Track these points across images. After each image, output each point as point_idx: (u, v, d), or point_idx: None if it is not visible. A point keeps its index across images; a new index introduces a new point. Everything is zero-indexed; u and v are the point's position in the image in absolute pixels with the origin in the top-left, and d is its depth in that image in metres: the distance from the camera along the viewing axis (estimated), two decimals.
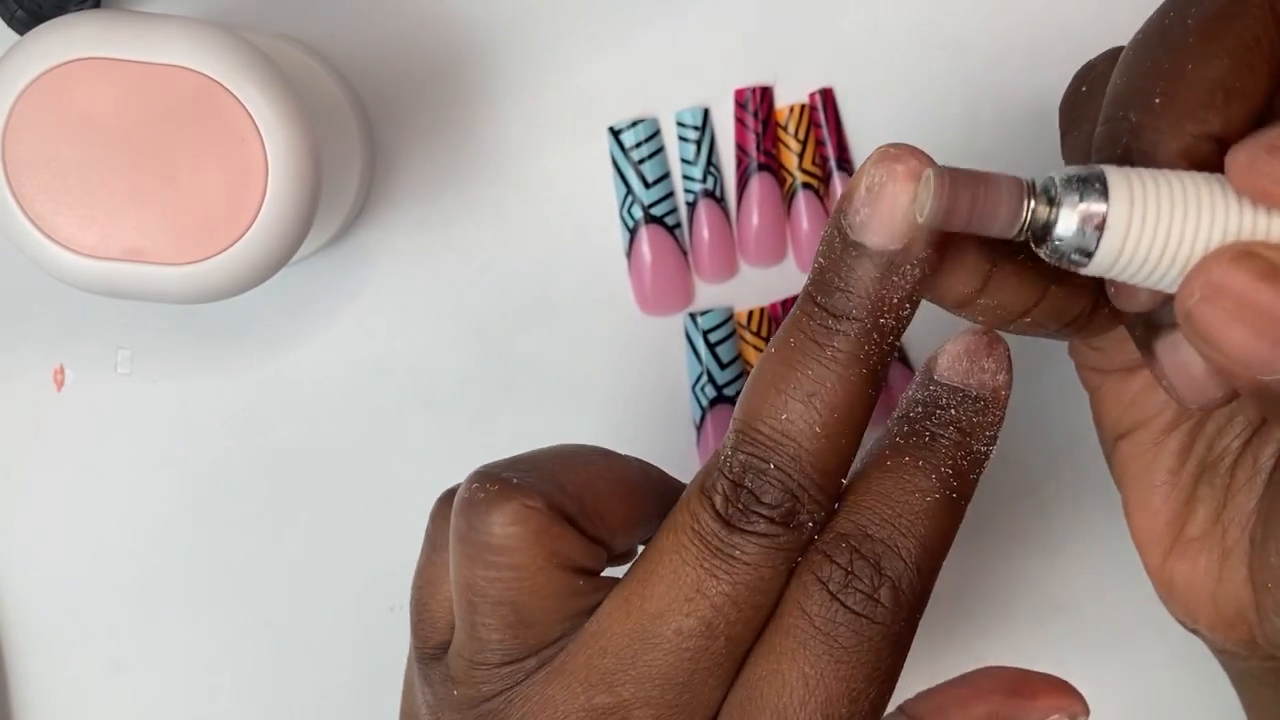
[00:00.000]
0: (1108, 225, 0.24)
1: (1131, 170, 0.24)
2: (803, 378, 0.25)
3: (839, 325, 0.25)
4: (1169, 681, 0.44)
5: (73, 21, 0.33)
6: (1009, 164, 0.42)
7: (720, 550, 0.25)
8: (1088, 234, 0.24)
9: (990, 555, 0.44)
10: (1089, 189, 0.24)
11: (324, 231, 0.40)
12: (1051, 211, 0.24)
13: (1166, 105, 0.25)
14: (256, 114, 0.33)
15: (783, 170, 0.42)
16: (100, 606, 0.43)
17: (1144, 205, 0.24)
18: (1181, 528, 0.31)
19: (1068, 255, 0.24)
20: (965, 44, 0.42)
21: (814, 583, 0.25)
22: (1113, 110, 0.26)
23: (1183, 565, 0.31)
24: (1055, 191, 0.24)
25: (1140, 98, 0.25)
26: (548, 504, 0.26)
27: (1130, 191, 0.24)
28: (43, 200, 0.33)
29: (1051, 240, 0.24)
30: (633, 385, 0.42)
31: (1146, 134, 0.25)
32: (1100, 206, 0.24)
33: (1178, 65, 0.25)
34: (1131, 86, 0.26)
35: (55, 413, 0.42)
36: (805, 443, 0.25)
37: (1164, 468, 0.32)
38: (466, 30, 0.41)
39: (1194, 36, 0.25)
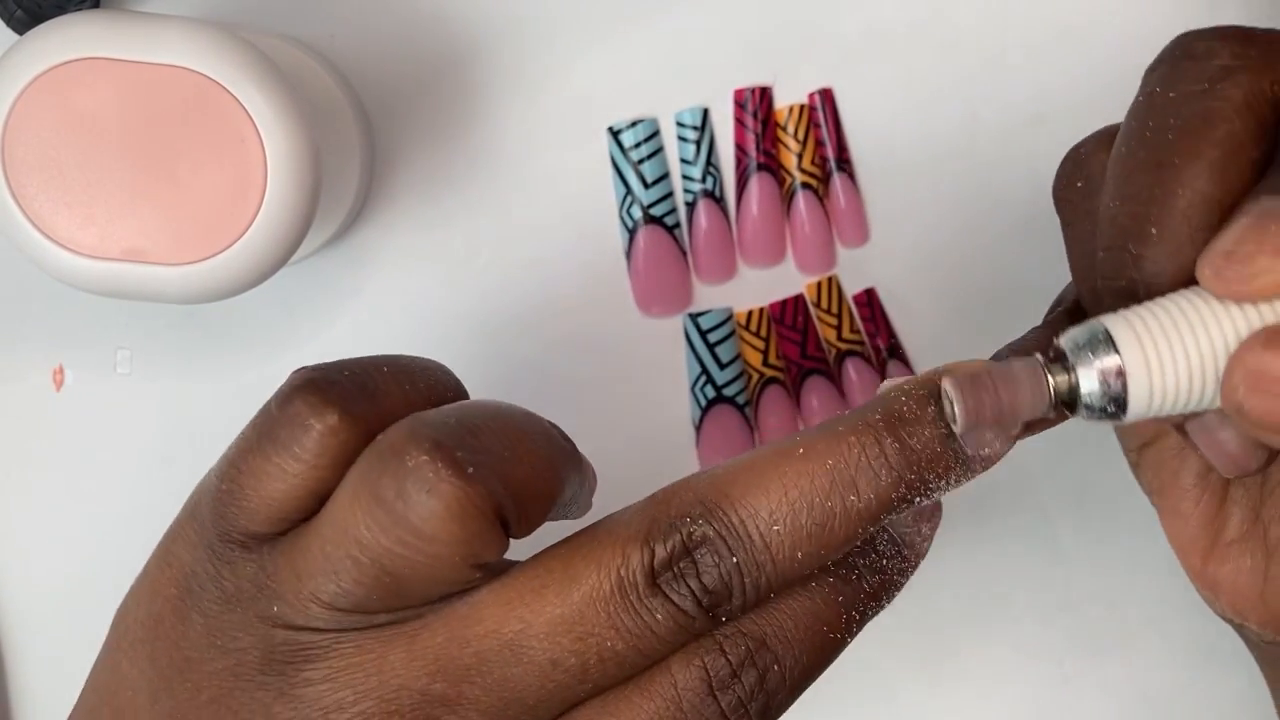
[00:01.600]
0: (1128, 372, 0.24)
1: (1128, 311, 0.25)
2: (820, 503, 0.24)
3: (887, 475, 0.25)
4: (1169, 681, 0.44)
5: (72, 21, 0.33)
6: (1009, 164, 0.42)
7: (633, 605, 0.24)
8: (1112, 387, 0.24)
9: (990, 555, 0.44)
10: (1097, 345, 0.24)
11: (323, 231, 0.40)
12: (1071, 377, 0.24)
13: (1163, 236, 0.26)
14: (256, 114, 0.33)
15: (782, 170, 0.42)
16: (100, 606, 0.43)
17: (1154, 343, 0.24)
18: (1219, 530, 0.31)
19: (1102, 411, 0.25)
20: (965, 44, 0.42)
21: (699, 667, 0.25)
22: (1112, 239, 0.26)
23: (1226, 568, 0.31)
24: (1068, 360, 0.25)
25: (1136, 228, 0.26)
26: (493, 508, 0.24)
27: (1136, 334, 0.24)
28: (42, 200, 0.33)
29: (1081, 404, 0.25)
30: (632, 385, 0.42)
31: (1149, 265, 0.26)
32: (1113, 358, 0.24)
33: (1167, 191, 0.26)
34: (1127, 214, 0.26)
35: (55, 413, 0.42)
36: (779, 561, 0.24)
37: (1192, 472, 0.31)
38: (466, 30, 0.41)
39: (1178, 155, 0.26)
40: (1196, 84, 0.26)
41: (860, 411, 0.25)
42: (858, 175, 0.42)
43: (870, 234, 0.42)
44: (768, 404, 0.42)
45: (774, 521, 0.24)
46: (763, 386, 0.42)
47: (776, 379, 0.42)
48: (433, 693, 0.24)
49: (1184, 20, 0.42)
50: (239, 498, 0.26)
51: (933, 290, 0.42)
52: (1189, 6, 0.42)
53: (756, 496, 0.24)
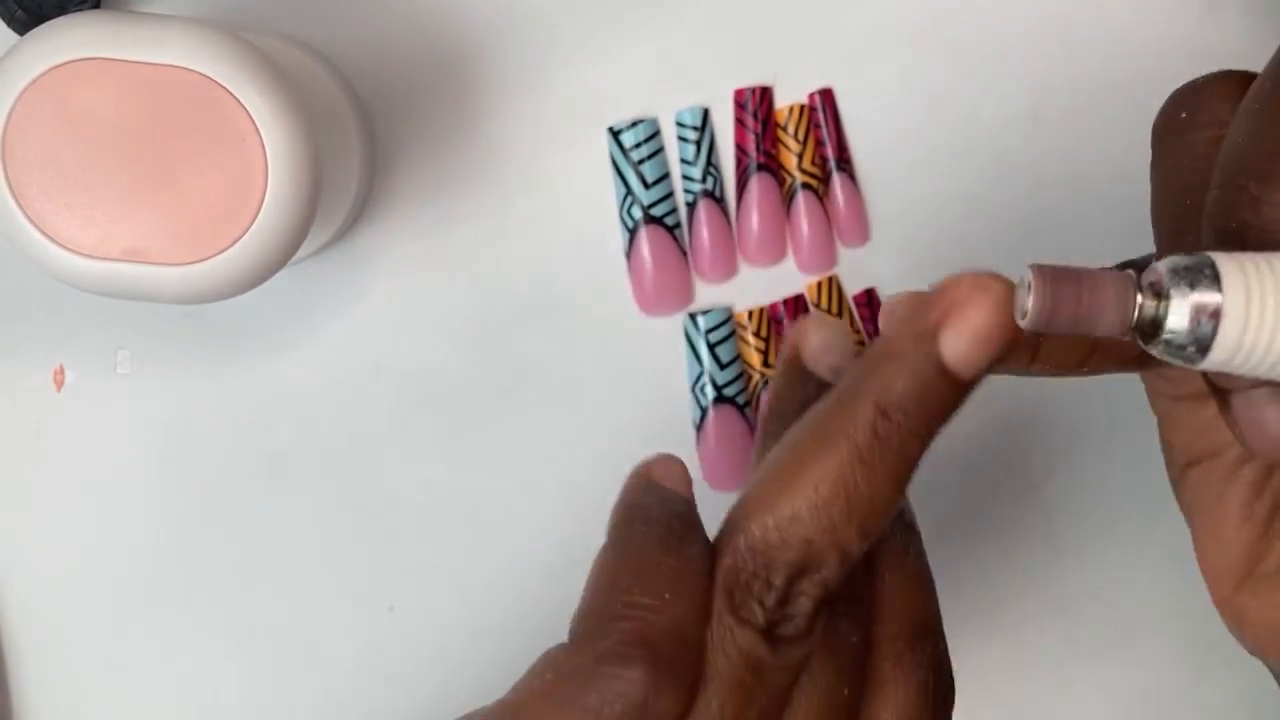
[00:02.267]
0: (1224, 315, 0.22)
1: (1243, 255, 0.23)
2: (854, 491, 0.24)
3: (907, 446, 0.25)
4: (1169, 681, 0.44)
5: (73, 22, 0.33)
6: (1008, 164, 0.42)
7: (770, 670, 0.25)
8: (1202, 326, 0.22)
9: (990, 555, 0.44)
10: (1199, 278, 0.22)
11: (324, 232, 0.40)
12: (1160, 305, 0.22)
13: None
14: (256, 114, 0.33)
15: (782, 170, 0.42)
16: (100, 606, 0.43)
17: (1261, 293, 0.22)
18: (1256, 562, 0.30)
19: (1181, 351, 0.23)
20: (966, 44, 0.42)
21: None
22: (1231, 175, 0.24)
23: (1256, 601, 0.30)
24: (1164, 285, 0.22)
25: (1263, 167, 0.24)
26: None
27: (1245, 278, 0.22)
28: (43, 201, 0.33)
29: (1162, 336, 0.23)
30: (632, 385, 0.42)
31: (1267, 210, 0.24)
32: (1214, 296, 0.22)
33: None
34: (1254, 151, 0.24)
35: (55, 413, 0.42)
36: (853, 546, 0.25)
37: (1238, 498, 0.30)
38: (467, 30, 0.41)
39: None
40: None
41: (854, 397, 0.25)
42: (858, 175, 0.42)
43: (871, 234, 0.42)
44: None
45: (827, 525, 0.24)
46: (763, 387, 0.42)
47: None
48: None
49: (1184, 20, 0.42)
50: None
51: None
52: (1189, 6, 0.42)
53: (797, 514, 0.24)
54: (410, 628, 0.43)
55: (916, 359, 0.24)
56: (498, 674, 0.43)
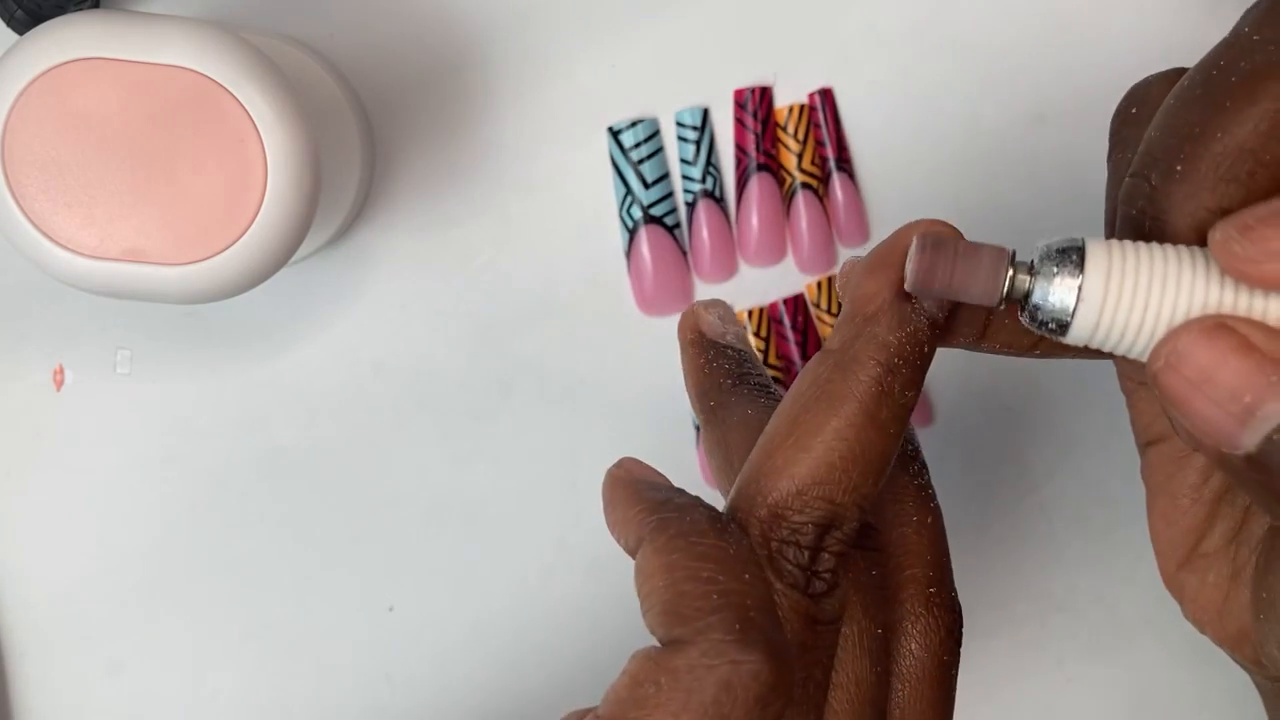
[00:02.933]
0: (1082, 297, 0.24)
1: (1116, 242, 0.24)
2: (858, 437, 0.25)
3: (907, 394, 0.25)
4: (1169, 681, 0.44)
5: (72, 22, 0.33)
6: (1008, 164, 0.42)
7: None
8: (1063, 305, 0.24)
9: (990, 555, 0.44)
10: (1067, 261, 0.24)
11: (323, 232, 0.40)
12: (1030, 281, 0.24)
13: (1187, 174, 0.24)
14: (256, 114, 0.33)
15: (782, 170, 0.42)
16: (100, 606, 0.43)
17: (1121, 277, 0.24)
18: (1198, 540, 0.31)
19: (1045, 324, 0.24)
20: (965, 44, 0.42)
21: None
22: (1139, 165, 0.25)
23: (1193, 577, 0.31)
24: (1036, 263, 0.24)
25: (1165, 160, 0.25)
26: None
27: (1109, 264, 0.24)
28: (42, 200, 0.33)
29: (1029, 309, 0.24)
30: (632, 385, 0.42)
31: (1161, 201, 0.25)
32: (1074, 278, 0.24)
33: (1208, 130, 0.24)
34: (1159, 144, 0.25)
35: (55, 413, 0.42)
36: (866, 487, 0.25)
37: (1188, 481, 0.31)
38: (466, 30, 0.41)
39: (1233, 99, 0.24)
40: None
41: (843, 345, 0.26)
42: (858, 175, 0.42)
43: (870, 234, 0.42)
44: None
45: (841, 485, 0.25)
46: None
47: (777, 379, 0.42)
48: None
49: (1184, 19, 0.42)
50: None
51: None
52: (1189, 7, 0.42)
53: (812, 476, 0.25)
54: (410, 628, 0.43)
55: (900, 310, 0.26)
56: (497, 673, 0.43)
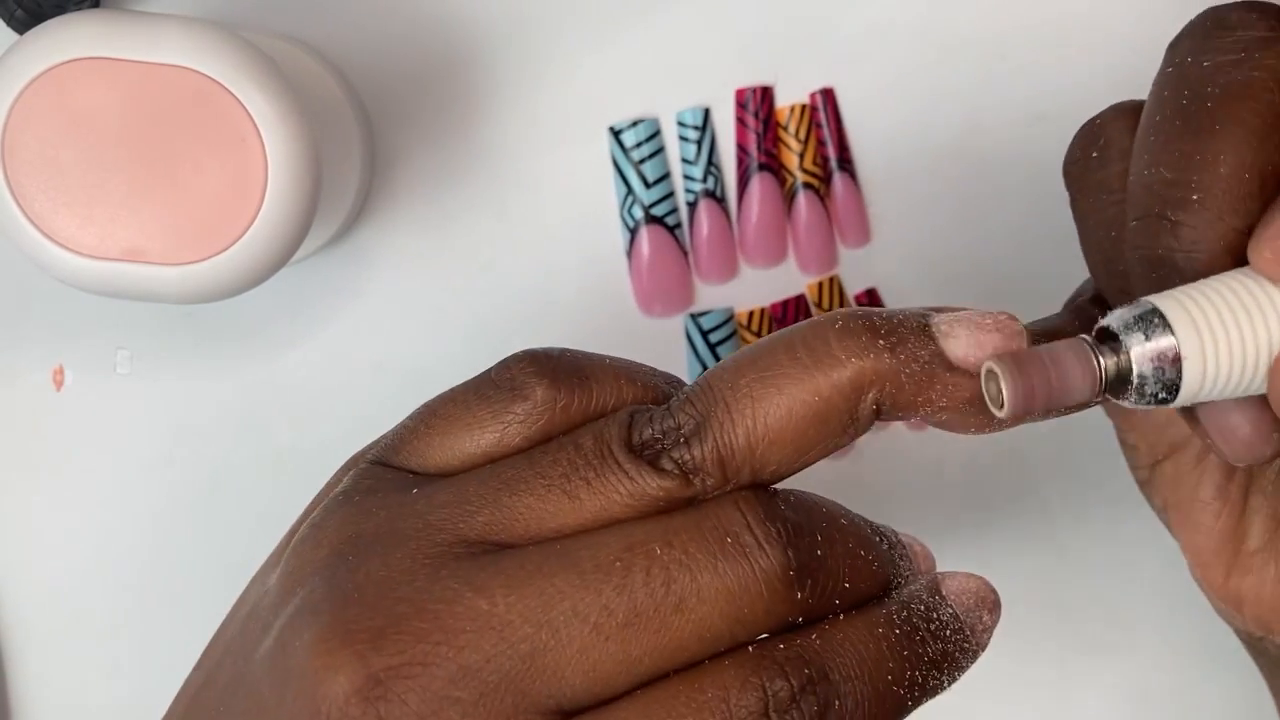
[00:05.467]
0: (1184, 355, 0.23)
1: (1178, 293, 0.24)
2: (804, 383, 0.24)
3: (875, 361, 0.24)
4: (1169, 681, 0.44)
5: (72, 21, 0.33)
6: (1009, 163, 0.42)
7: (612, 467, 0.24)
8: (1167, 372, 0.23)
9: (990, 555, 0.44)
10: (1151, 326, 0.23)
11: (324, 231, 0.40)
12: (1121, 360, 0.23)
13: (1204, 202, 0.25)
14: (256, 114, 0.33)
15: (783, 170, 0.42)
16: (100, 606, 0.43)
17: (1207, 323, 0.23)
18: (1240, 542, 0.31)
19: (1153, 397, 0.24)
20: (966, 44, 0.42)
21: (757, 687, 0.23)
22: (1147, 206, 0.26)
23: (1249, 579, 0.31)
24: (1120, 343, 0.23)
25: (1175, 194, 0.25)
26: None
27: (1189, 314, 0.23)
28: (42, 200, 0.33)
29: (1133, 389, 0.24)
30: None
31: (1188, 233, 0.25)
32: (1169, 339, 0.23)
33: (1208, 156, 0.25)
34: (1163, 179, 0.25)
35: (55, 413, 0.42)
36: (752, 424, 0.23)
37: (1211, 484, 0.31)
38: (467, 30, 0.41)
39: (1219, 122, 0.25)
40: (1232, 54, 0.26)
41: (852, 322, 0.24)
42: (859, 175, 0.42)
43: (872, 234, 0.42)
44: None
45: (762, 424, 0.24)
46: None
47: None
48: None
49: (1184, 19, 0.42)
50: (419, 436, 0.26)
51: (934, 290, 0.42)
52: (1189, 7, 0.41)
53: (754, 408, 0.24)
54: None
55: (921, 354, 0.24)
56: None
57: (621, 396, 0.25)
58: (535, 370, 0.25)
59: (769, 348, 0.24)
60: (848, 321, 0.24)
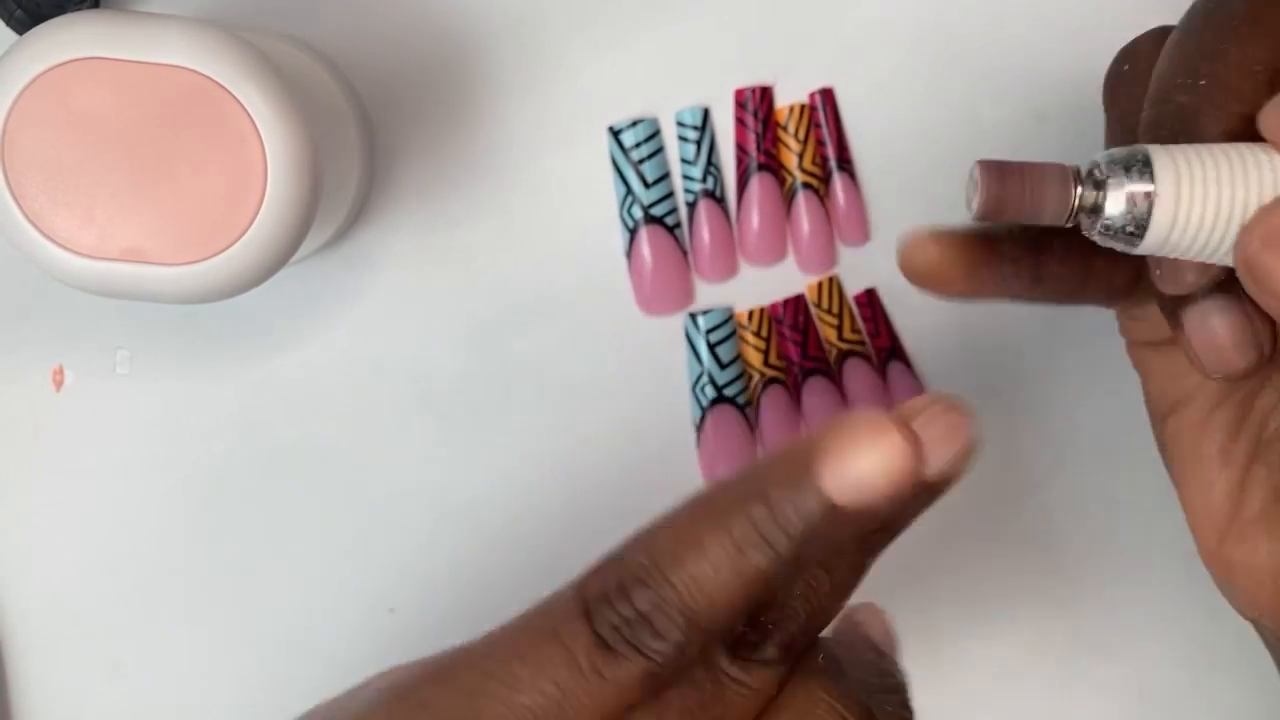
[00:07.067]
0: (1157, 199, 0.24)
1: (1174, 146, 0.24)
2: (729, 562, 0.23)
3: (794, 530, 0.23)
4: (1169, 681, 0.44)
5: (72, 21, 0.33)
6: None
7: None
8: (1137, 212, 0.24)
9: (991, 555, 0.44)
10: (1134, 168, 0.24)
11: (324, 232, 0.40)
12: (1099, 194, 0.24)
13: (1211, 87, 0.25)
14: (256, 114, 0.33)
15: (783, 170, 0.42)
16: (100, 606, 0.43)
17: (1190, 177, 0.24)
18: (1238, 508, 0.31)
19: (1119, 234, 0.24)
20: (965, 43, 0.42)
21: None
22: (1159, 93, 0.26)
23: (1242, 548, 0.30)
24: (1101, 174, 0.24)
25: (1186, 80, 0.26)
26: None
27: (1175, 165, 0.24)
28: (42, 200, 0.33)
29: (1101, 221, 0.24)
30: (632, 385, 0.42)
31: (1191, 115, 0.25)
32: (1147, 184, 0.24)
33: (1222, 48, 0.25)
34: (1177, 68, 0.26)
35: (54, 413, 0.42)
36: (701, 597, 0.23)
37: (1215, 443, 0.31)
38: (467, 30, 0.41)
39: (1239, 20, 0.26)
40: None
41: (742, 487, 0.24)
42: (859, 175, 0.42)
43: (871, 234, 0.42)
44: (768, 404, 0.42)
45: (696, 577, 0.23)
46: (763, 387, 0.42)
47: (777, 379, 0.42)
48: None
49: None
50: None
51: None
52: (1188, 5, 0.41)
53: (678, 555, 0.23)
54: (411, 629, 0.43)
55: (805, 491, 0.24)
56: None
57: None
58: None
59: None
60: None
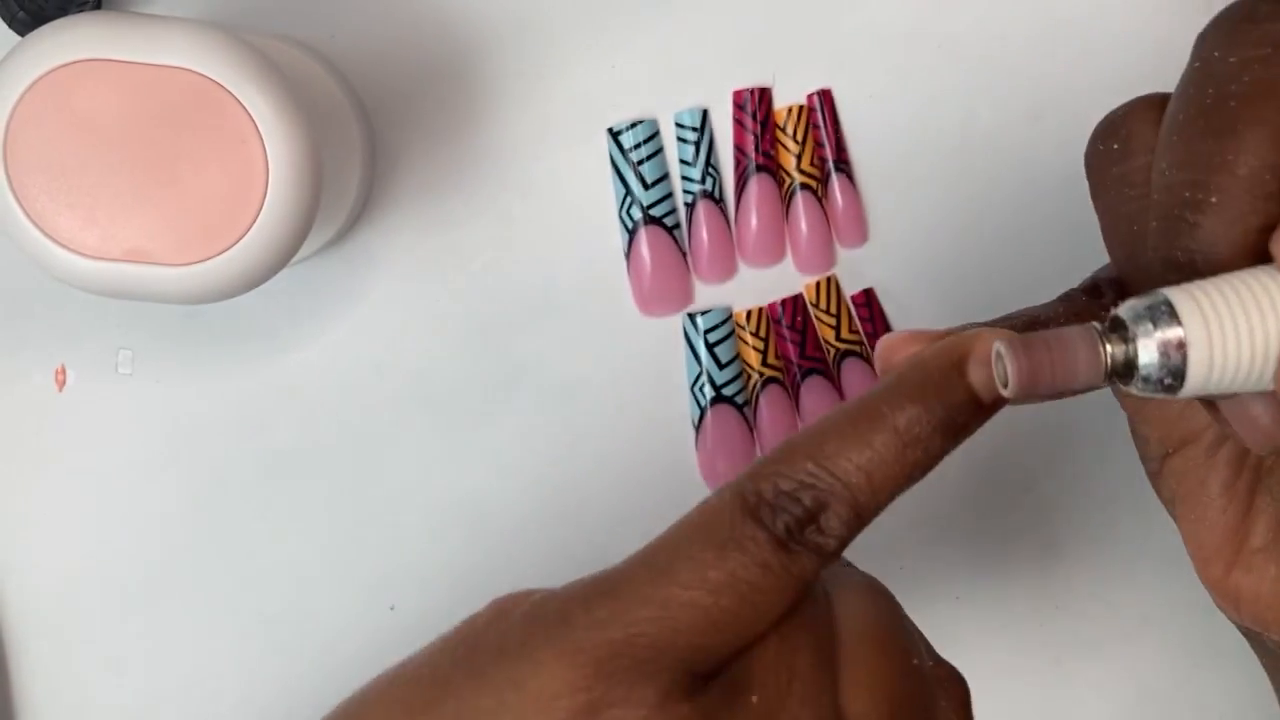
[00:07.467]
0: (1189, 343, 0.24)
1: (1191, 285, 0.24)
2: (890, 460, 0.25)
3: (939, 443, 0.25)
4: (1167, 680, 0.44)
5: (74, 23, 0.33)
6: (1007, 163, 0.42)
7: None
8: (1172, 359, 0.24)
9: (990, 555, 0.44)
10: (1159, 315, 0.24)
11: (324, 232, 0.40)
12: (1129, 348, 0.24)
13: (1223, 204, 0.25)
14: (257, 115, 0.33)
15: (781, 171, 0.42)
16: (100, 606, 0.43)
17: (1218, 316, 0.24)
18: (1244, 540, 0.31)
19: (1158, 385, 0.24)
20: (963, 44, 0.42)
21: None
22: (1168, 207, 0.26)
23: (1249, 577, 0.31)
24: (1129, 331, 0.24)
25: (1195, 196, 0.25)
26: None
27: (1199, 307, 0.24)
28: (44, 201, 0.33)
29: (1138, 376, 0.24)
30: (631, 385, 0.42)
31: (1206, 235, 0.25)
32: (1176, 330, 0.24)
33: (1229, 158, 0.25)
34: (1184, 180, 0.25)
35: (56, 413, 0.42)
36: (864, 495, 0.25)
37: (1219, 480, 0.31)
38: (467, 31, 0.41)
39: (1241, 123, 0.25)
40: (1259, 49, 0.25)
41: (901, 385, 0.25)
42: (856, 176, 0.42)
43: (869, 234, 0.42)
44: (767, 404, 0.42)
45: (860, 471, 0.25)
46: (762, 386, 0.42)
47: (775, 379, 0.42)
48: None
49: (1182, 18, 0.42)
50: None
51: (931, 290, 0.42)
52: (1188, 6, 0.42)
53: (844, 454, 0.25)
54: (411, 627, 0.43)
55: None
56: None
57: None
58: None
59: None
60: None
